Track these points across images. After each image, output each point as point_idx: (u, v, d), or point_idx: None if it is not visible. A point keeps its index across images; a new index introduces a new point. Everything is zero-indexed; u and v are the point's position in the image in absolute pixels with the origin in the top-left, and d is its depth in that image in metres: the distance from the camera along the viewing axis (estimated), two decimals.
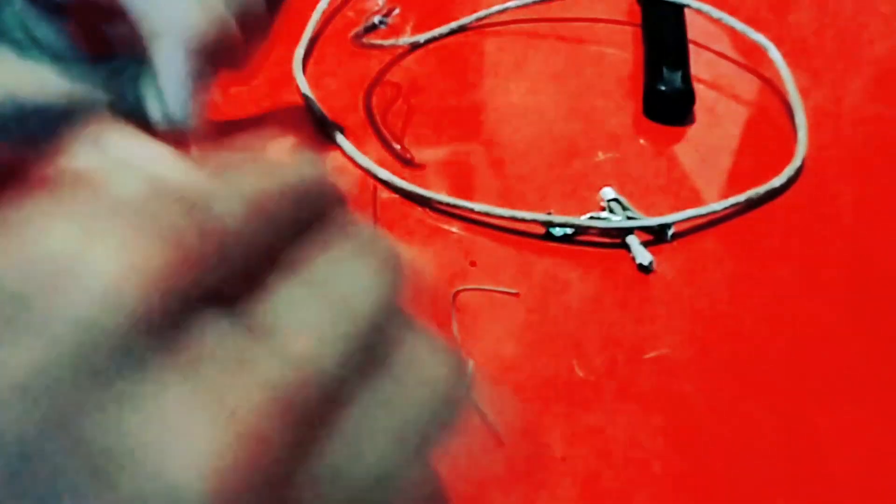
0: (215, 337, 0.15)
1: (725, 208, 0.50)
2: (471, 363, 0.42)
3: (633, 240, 0.48)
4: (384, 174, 0.51)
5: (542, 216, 0.48)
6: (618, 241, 0.49)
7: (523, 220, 0.49)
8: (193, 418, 0.14)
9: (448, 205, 0.50)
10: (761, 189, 0.51)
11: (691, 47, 0.60)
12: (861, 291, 0.47)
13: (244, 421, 0.14)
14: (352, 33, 0.51)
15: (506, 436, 0.40)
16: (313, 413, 0.15)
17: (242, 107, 0.55)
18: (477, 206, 0.49)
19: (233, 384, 0.14)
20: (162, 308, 0.14)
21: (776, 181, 0.52)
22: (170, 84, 0.32)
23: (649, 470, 0.39)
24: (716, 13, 0.61)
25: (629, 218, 0.49)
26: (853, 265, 0.49)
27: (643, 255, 0.47)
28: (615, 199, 0.51)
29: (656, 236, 0.49)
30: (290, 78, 0.58)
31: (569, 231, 0.49)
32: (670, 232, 0.49)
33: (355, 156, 0.52)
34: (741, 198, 0.50)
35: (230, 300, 0.15)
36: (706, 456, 0.40)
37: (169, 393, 0.14)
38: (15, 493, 0.13)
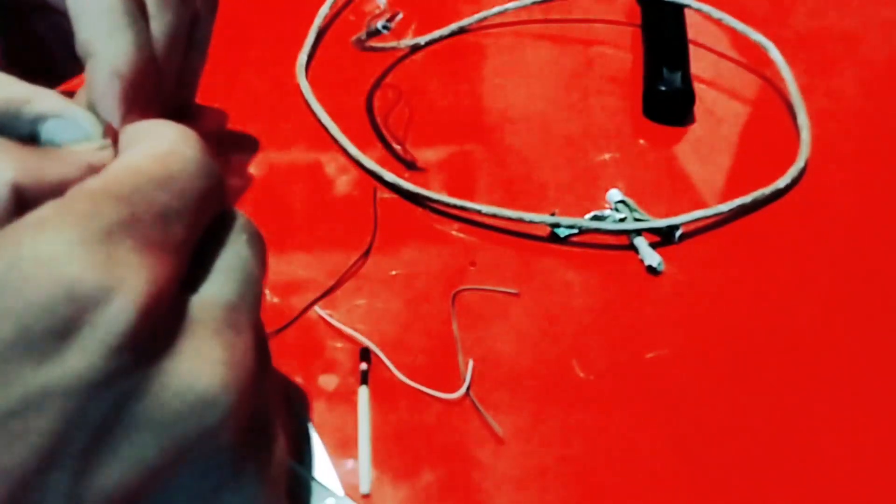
0: None
1: (732, 209, 0.50)
2: (471, 363, 0.42)
3: (641, 241, 0.48)
4: (389, 177, 0.51)
5: (549, 218, 0.48)
6: (622, 242, 0.49)
7: (531, 222, 0.49)
8: None
9: (453, 206, 0.49)
10: (767, 190, 0.51)
11: (691, 47, 0.60)
12: (867, 292, 0.48)
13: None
14: (353, 39, 0.51)
15: (506, 436, 0.40)
16: None
17: (245, 110, 0.55)
18: (484, 208, 0.49)
19: None
20: None
21: (781, 182, 0.52)
22: (102, 104, 0.30)
23: (649, 471, 0.39)
24: (716, 13, 0.62)
25: (637, 220, 0.49)
26: (858, 265, 0.49)
27: (652, 257, 0.47)
28: (622, 201, 0.51)
29: (663, 238, 0.49)
30: (293, 82, 0.58)
31: (574, 232, 0.49)
32: (678, 233, 0.49)
33: (359, 158, 0.52)
34: (748, 199, 0.50)
35: None
36: (707, 457, 0.40)
37: None
38: None
